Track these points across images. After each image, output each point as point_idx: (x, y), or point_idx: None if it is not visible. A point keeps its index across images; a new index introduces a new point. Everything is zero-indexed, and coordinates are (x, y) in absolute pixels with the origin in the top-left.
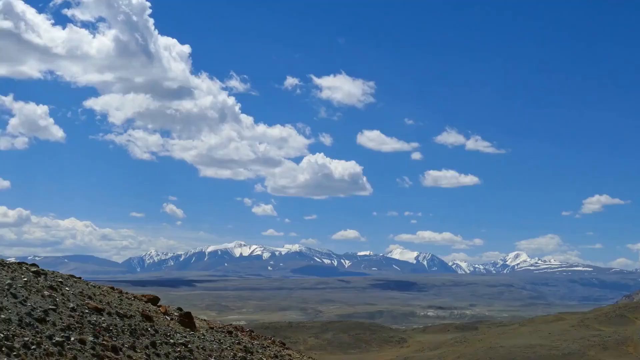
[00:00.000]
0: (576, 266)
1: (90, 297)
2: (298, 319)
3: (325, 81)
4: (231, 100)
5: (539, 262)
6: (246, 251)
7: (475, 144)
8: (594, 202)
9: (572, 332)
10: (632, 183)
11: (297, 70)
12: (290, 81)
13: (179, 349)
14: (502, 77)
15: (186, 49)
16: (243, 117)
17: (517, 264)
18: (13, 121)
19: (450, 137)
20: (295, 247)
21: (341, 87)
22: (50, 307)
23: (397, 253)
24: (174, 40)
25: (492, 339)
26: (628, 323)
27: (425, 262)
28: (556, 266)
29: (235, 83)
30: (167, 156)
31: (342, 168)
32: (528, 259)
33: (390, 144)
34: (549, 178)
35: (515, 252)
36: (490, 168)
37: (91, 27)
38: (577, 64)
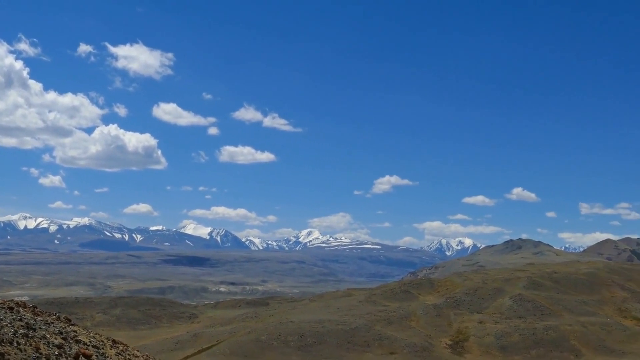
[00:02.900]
0: (365, 244)
1: None
2: (86, 294)
3: (122, 50)
4: (19, 65)
5: (331, 239)
6: (31, 224)
7: (273, 121)
8: (385, 183)
9: (359, 307)
10: (420, 165)
11: (92, 37)
12: (84, 48)
13: None
14: (300, 57)
15: None
16: (32, 83)
17: (310, 241)
18: None
19: (247, 114)
20: (85, 221)
21: (138, 58)
22: None
23: (191, 228)
24: None
25: (283, 315)
26: (412, 299)
27: (218, 238)
28: (347, 244)
29: (24, 47)
30: None
31: (136, 140)
32: (320, 236)
33: (187, 118)
34: (343, 158)
35: (308, 230)
36: (287, 146)
37: None
38: (377, 47)
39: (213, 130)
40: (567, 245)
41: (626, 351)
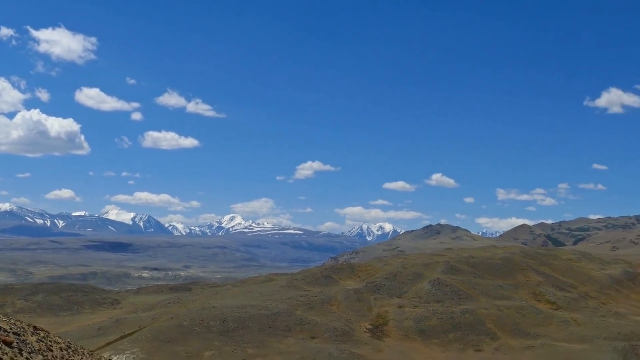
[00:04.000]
0: (287, 229)
1: None
2: (6, 280)
3: (44, 34)
4: None
5: (253, 224)
6: None
7: (196, 107)
8: (307, 168)
9: (281, 292)
10: (342, 150)
11: (13, 20)
12: (5, 32)
13: None
14: (224, 42)
15: None
16: None
17: (232, 227)
18: None
19: (171, 99)
20: (6, 206)
21: (60, 42)
22: None
23: (114, 214)
24: None
25: (205, 300)
26: (333, 283)
27: (141, 224)
28: (269, 229)
29: None
30: None
31: (58, 125)
32: (243, 222)
33: (110, 103)
34: (265, 143)
35: (231, 215)
36: (210, 131)
37: None
38: (297, 31)
39: (136, 116)
40: (484, 230)
41: (540, 334)
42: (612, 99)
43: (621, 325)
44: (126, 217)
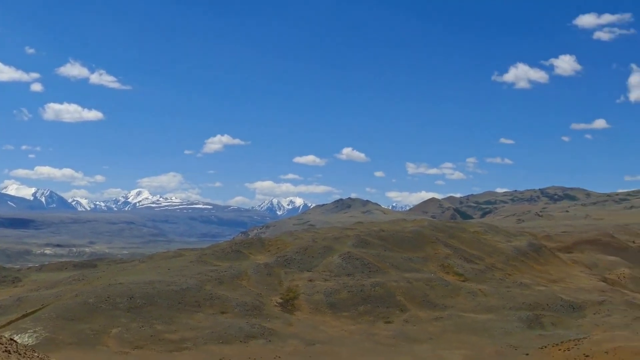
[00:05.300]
0: (196, 204)
1: None
2: None
3: None
4: None
5: (161, 199)
6: None
7: (100, 78)
8: (216, 142)
9: (190, 267)
10: (252, 124)
11: None
12: None
13: None
14: (128, 10)
15: None
16: None
17: (139, 202)
18: None
19: (73, 70)
20: None
21: None
22: None
23: (13, 189)
24: None
25: (112, 276)
26: (243, 258)
27: (43, 199)
28: (177, 204)
29: None
30: None
31: None
32: (150, 197)
33: (8, 74)
34: (173, 116)
35: (138, 190)
36: (115, 104)
37: None
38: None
39: (36, 87)
40: (394, 204)
41: (448, 305)
42: (519, 74)
43: (525, 295)
44: (27, 192)
